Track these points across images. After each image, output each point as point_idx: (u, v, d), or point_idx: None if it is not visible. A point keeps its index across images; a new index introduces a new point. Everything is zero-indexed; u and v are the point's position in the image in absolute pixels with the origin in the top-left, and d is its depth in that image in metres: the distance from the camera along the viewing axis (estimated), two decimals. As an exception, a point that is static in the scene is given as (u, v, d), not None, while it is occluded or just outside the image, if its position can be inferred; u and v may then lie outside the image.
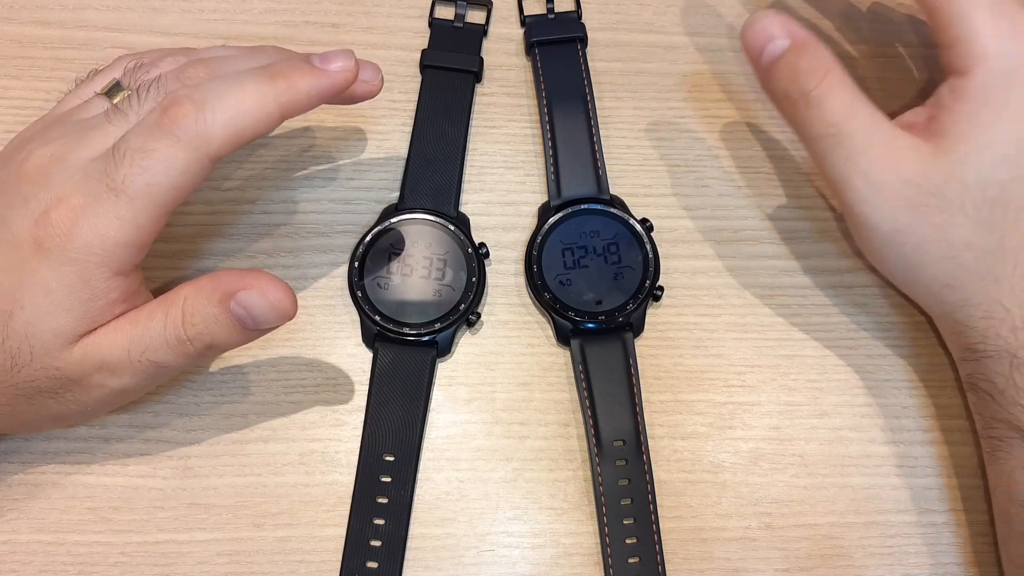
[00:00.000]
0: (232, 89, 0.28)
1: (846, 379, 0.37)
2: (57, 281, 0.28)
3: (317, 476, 0.35)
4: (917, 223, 0.31)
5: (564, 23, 0.42)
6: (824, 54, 0.32)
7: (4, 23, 0.40)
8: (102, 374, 0.29)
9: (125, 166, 0.27)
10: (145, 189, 0.27)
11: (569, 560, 0.34)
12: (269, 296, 0.28)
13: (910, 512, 0.36)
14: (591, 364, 0.36)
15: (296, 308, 0.29)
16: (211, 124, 0.28)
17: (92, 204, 0.27)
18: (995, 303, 0.31)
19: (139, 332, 0.29)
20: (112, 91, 0.31)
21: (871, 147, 0.31)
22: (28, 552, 0.33)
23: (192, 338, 0.29)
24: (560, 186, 0.38)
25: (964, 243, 0.31)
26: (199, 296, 0.29)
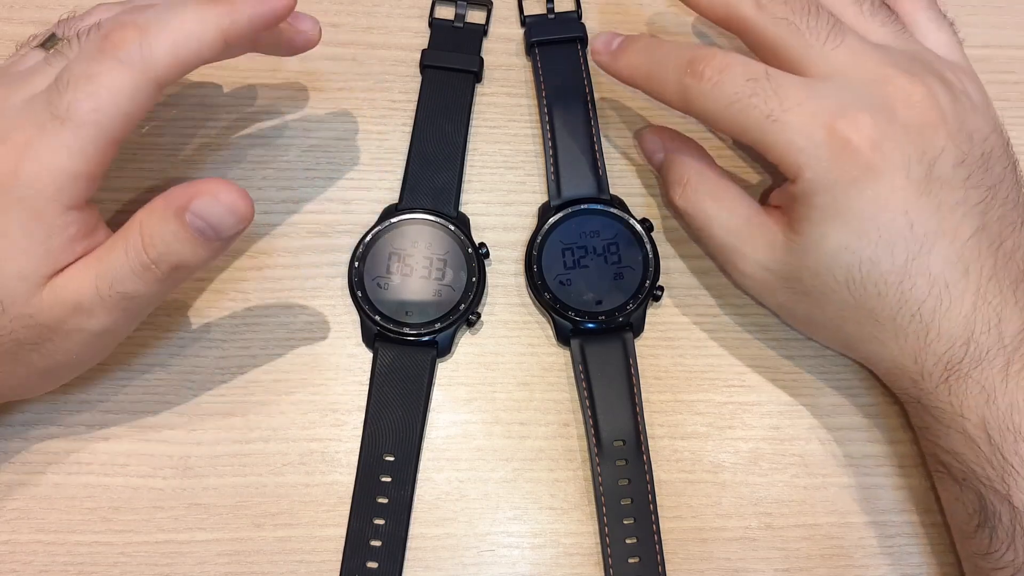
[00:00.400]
0: (174, 14, 0.28)
1: (846, 379, 0.37)
2: (10, 223, 0.27)
3: (317, 476, 0.35)
4: (794, 301, 0.34)
5: (564, 23, 0.42)
6: (685, 161, 0.36)
7: (4, 23, 0.40)
8: (77, 317, 0.28)
9: (69, 92, 0.27)
10: (92, 115, 0.27)
11: (569, 560, 0.34)
12: (222, 199, 0.27)
13: (910, 512, 0.36)
14: (591, 364, 0.36)
15: (252, 209, 0.28)
16: (155, 46, 0.28)
17: (36, 136, 0.27)
18: (890, 363, 0.33)
19: (103, 267, 0.28)
20: (47, 42, 0.31)
21: (733, 244, 0.34)
22: (28, 552, 0.33)
23: (156, 260, 0.28)
24: (560, 186, 0.38)
25: (839, 317, 0.33)
26: (153, 216, 0.28)
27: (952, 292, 0.31)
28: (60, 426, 0.35)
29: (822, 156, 0.30)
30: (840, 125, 0.30)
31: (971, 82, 0.33)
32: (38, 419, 0.35)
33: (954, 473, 0.32)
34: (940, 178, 0.31)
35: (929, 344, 0.31)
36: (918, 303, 0.31)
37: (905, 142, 0.30)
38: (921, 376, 0.32)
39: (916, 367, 0.32)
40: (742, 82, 0.31)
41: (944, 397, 0.31)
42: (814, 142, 0.30)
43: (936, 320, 0.31)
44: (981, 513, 0.31)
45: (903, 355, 0.32)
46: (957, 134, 0.31)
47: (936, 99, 0.31)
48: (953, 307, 0.31)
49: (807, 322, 0.35)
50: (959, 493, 0.32)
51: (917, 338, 0.31)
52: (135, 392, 0.35)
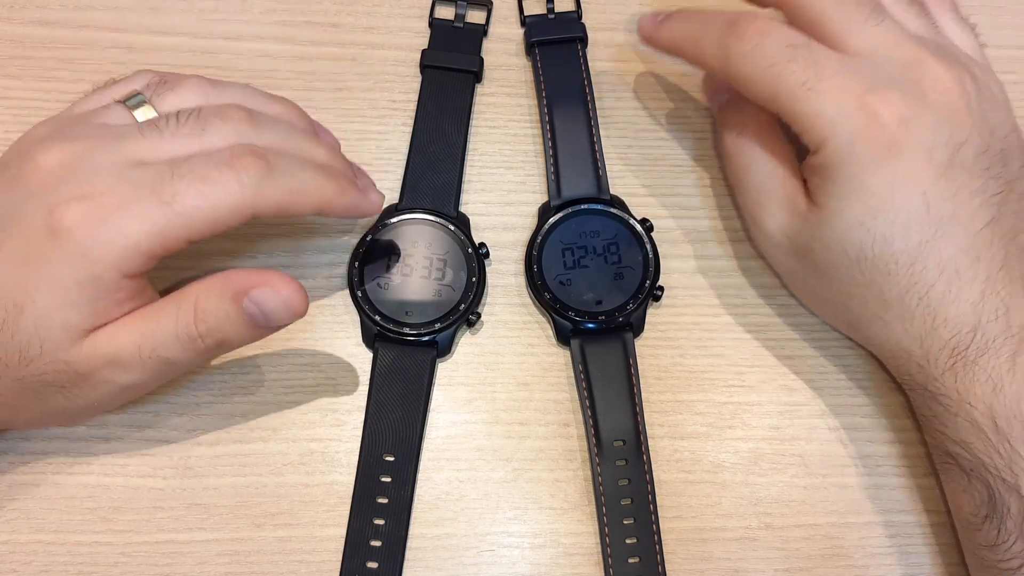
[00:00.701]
0: (299, 169, 0.30)
1: (846, 379, 0.37)
2: (69, 275, 0.28)
3: (317, 476, 0.35)
4: (804, 268, 0.34)
5: (564, 23, 0.42)
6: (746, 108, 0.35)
7: (4, 23, 0.40)
8: (111, 369, 0.29)
9: (183, 184, 0.28)
10: (192, 210, 0.28)
11: (569, 560, 0.34)
12: (282, 293, 0.29)
13: (910, 512, 0.36)
14: (591, 364, 0.36)
15: (307, 305, 0.30)
16: (273, 186, 0.29)
17: (130, 205, 0.28)
18: (894, 345, 0.33)
19: (150, 329, 0.29)
20: (131, 100, 0.31)
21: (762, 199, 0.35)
22: (28, 552, 0.33)
23: (203, 335, 0.29)
24: (560, 186, 0.38)
25: (846, 293, 0.33)
26: (211, 293, 0.29)
27: (962, 278, 0.31)
28: (60, 426, 0.35)
29: (849, 128, 0.31)
30: (870, 99, 0.31)
31: (994, 81, 0.34)
32: (38, 419, 0.35)
33: (961, 463, 0.32)
34: (961, 164, 0.31)
35: (935, 329, 0.31)
36: (927, 286, 0.31)
37: (932, 124, 0.31)
38: (927, 361, 0.32)
39: (921, 351, 0.32)
40: (782, 47, 0.32)
41: (950, 384, 0.31)
42: (843, 114, 0.31)
43: (944, 305, 0.31)
44: (989, 504, 0.31)
45: (908, 338, 0.32)
46: (981, 125, 0.32)
47: (964, 88, 0.32)
48: (962, 293, 0.31)
49: (812, 295, 0.36)
50: (966, 484, 0.32)
51: (923, 322, 0.31)
52: (135, 392, 0.35)
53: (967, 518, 0.32)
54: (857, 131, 0.31)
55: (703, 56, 0.34)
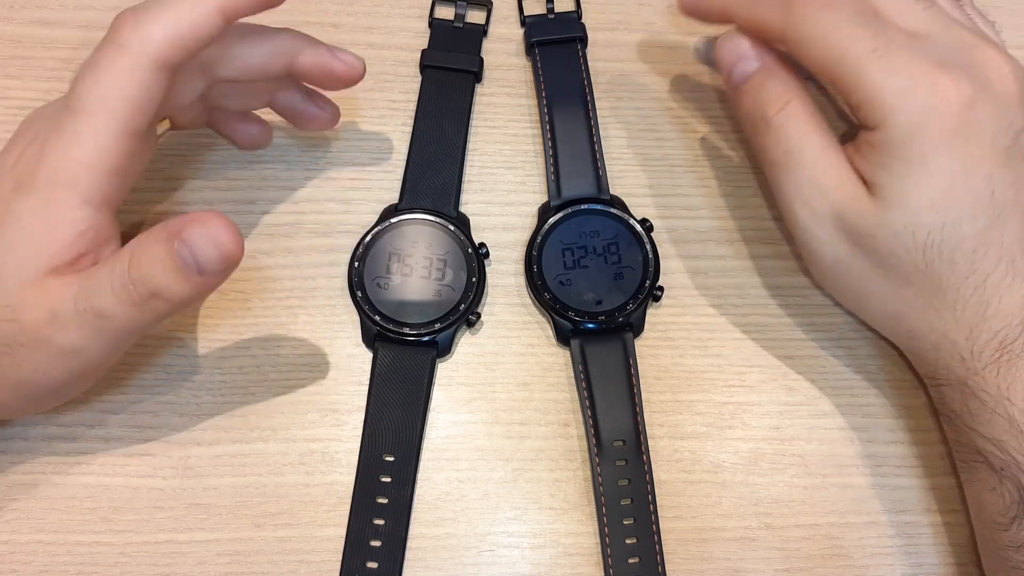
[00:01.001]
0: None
1: (846, 379, 0.37)
2: (25, 210, 0.28)
3: (317, 476, 0.35)
4: (857, 258, 0.32)
5: (564, 23, 0.42)
6: (789, 80, 0.33)
7: (4, 23, 0.40)
8: (50, 326, 0.28)
9: (78, 83, 0.28)
10: (99, 102, 0.28)
11: (569, 560, 0.34)
12: (210, 229, 0.26)
13: (910, 512, 0.36)
14: (591, 364, 0.36)
15: (241, 250, 0.27)
16: (149, 28, 0.28)
17: (55, 128, 0.28)
18: (941, 336, 0.32)
19: (87, 279, 0.28)
20: None
21: (818, 179, 0.32)
22: (28, 552, 0.33)
23: (135, 281, 0.27)
24: (560, 186, 0.38)
25: (904, 281, 0.32)
26: (148, 238, 0.28)
27: (1016, 268, 0.30)
28: (60, 426, 0.35)
29: (919, 103, 0.30)
30: (941, 77, 0.30)
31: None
32: (38, 419, 0.35)
33: (992, 462, 0.31)
34: (1020, 152, 0.31)
35: (986, 320, 0.31)
36: (985, 275, 0.30)
37: (996, 110, 0.30)
38: (971, 354, 0.31)
39: (967, 343, 0.31)
40: (850, 13, 0.31)
41: (992, 379, 0.31)
42: (914, 88, 0.30)
43: (998, 294, 0.30)
44: (1020, 504, 0.30)
45: (957, 329, 0.31)
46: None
47: (1019, 77, 0.32)
48: (1015, 284, 0.30)
49: (857, 285, 0.33)
50: (995, 483, 0.31)
51: (976, 312, 0.31)
52: (135, 392, 0.35)
53: (993, 518, 0.32)
54: (928, 108, 0.30)
55: (759, 15, 0.33)
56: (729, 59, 0.34)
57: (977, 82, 0.30)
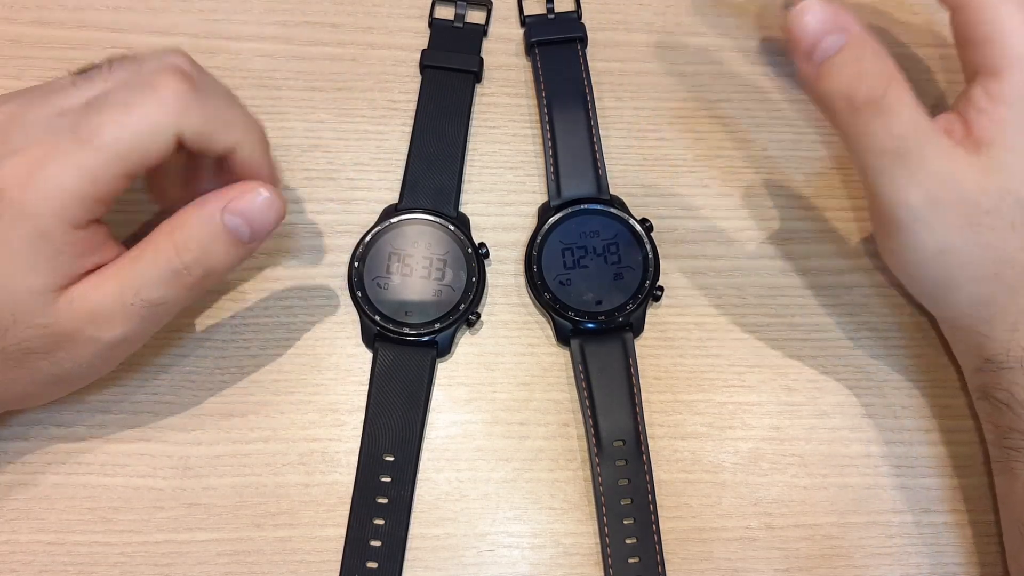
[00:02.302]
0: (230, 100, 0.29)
1: (846, 379, 0.37)
2: (17, 238, 0.27)
3: (317, 476, 0.35)
4: (968, 243, 0.30)
5: (564, 23, 0.42)
6: (884, 55, 0.29)
7: (4, 23, 0.40)
8: (93, 325, 0.28)
9: (100, 116, 0.27)
10: (113, 141, 0.27)
11: (569, 560, 0.34)
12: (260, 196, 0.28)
13: (910, 512, 0.36)
14: (591, 364, 0.36)
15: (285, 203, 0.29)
16: (198, 107, 0.28)
17: (52, 153, 0.27)
18: (1013, 321, 0.31)
19: (128, 275, 0.28)
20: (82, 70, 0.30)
21: (935, 163, 0.29)
22: (28, 552, 0.33)
23: (189, 265, 0.28)
24: (560, 186, 0.38)
25: (1008, 260, 0.30)
26: (188, 222, 0.28)
27: None
28: (60, 426, 0.35)
29: None
30: None
31: None
32: (38, 419, 0.35)
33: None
34: None
35: None
36: None
37: None
38: None
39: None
40: None
41: None
42: None
43: None
44: None
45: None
46: None
47: None
48: None
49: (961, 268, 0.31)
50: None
51: None
52: (135, 392, 0.35)
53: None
54: None
55: None
56: (810, 33, 0.29)
57: None
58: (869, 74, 0.29)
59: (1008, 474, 0.33)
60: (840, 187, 0.40)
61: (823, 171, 0.41)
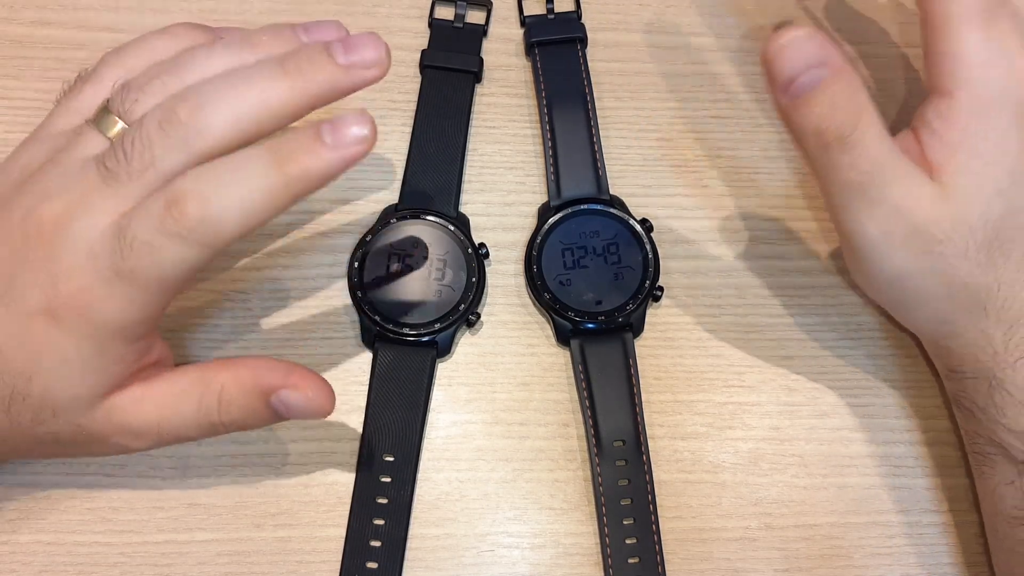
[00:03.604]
0: (238, 182, 0.26)
1: (846, 379, 0.37)
2: (73, 351, 0.27)
3: (317, 476, 0.35)
4: (922, 270, 0.31)
5: (564, 23, 0.42)
6: (858, 86, 0.29)
7: (4, 23, 0.40)
8: (125, 436, 0.29)
9: (134, 258, 0.26)
10: (157, 283, 0.27)
11: (569, 560, 0.34)
12: (309, 395, 0.29)
13: (910, 512, 0.36)
14: (591, 364, 0.36)
15: (333, 405, 0.29)
16: (219, 222, 0.26)
17: (102, 286, 0.27)
18: (980, 333, 0.32)
19: (170, 411, 0.29)
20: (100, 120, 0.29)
21: (894, 198, 0.30)
22: (28, 552, 0.33)
23: (226, 423, 0.29)
24: (560, 186, 0.38)
25: (961, 284, 0.31)
26: (239, 387, 0.29)
27: None
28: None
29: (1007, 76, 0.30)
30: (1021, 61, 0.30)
31: None
32: (38, 419, 0.35)
33: (1014, 455, 0.31)
34: None
35: None
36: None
37: None
38: (1004, 348, 0.31)
39: (1003, 338, 0.31)
40: None
41: (1022, 371, 0.31)
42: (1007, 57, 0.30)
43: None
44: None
45: (999, 325, 0.31)
46: None
47: None
48: None
49: (916, 291, 0.32)
50: (1014, 476, 0.31)
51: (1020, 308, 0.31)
52: (135, 392, 0.35)
53: (1009, 512, 0.32)
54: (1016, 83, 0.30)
55: None
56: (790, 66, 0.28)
57: None
58: (841, 110, 0.29)
59: (980, 478, 0.34)
60: (840, 187, 0.40)
61: (823, 171, 0.41)
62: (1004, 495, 0.32)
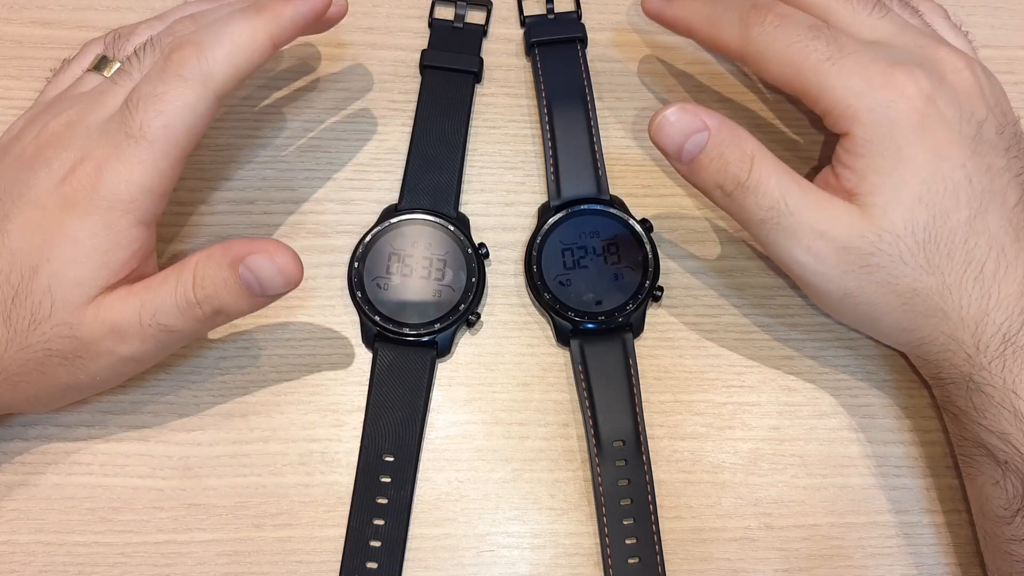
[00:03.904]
0: (225, 28, 0.31)
1: (846, 379, 0.37)
2: (84, 231, 0.29)
3: (317, 476, 0.35)
4: (864, 285, 0.32)
5: (564, 23, 0.42)
6: (744, 136, 0.32)
7: (4, 23, 0.40)
8: (112, 338, 0.30)
9: (140, 112, 0.29)
10: (162, 131, 0.29)
11: (569, 560, 0.34)
12: (276, 260, 0.29)
13: (910, 512, 0.36)
14: (591, 364, 0.36)
15: (302, 274, 0.30)
16: (212, 61, 0.30)
17: (114, 153, 0.29)
18: (948, 338, 0.32)
19: (149, 295, 0.30)
20: (100, 65, 0.33)
21: (808, 222, 0.31)
22: (28, 552, 0.33)
23: (201, 301, 0.30)
24: (560, 186, 0.38)
25: (911, 291, 0.32)
26: (210, 261, 0.30)
27: (1007, 256, 0.31)
28: (60, 426, 0.35)
29: (881, 100, 0.31)
30: (898, 73, 0.31)
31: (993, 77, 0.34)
32: (38, 419, 0.35)
33: (996, 455, 0.31)
34: (986, 142, 0.32)
35: (988, 313, 0.31)
36: (980, 263, 0.31)
37: (954, 102, 0.31)
38: (976, 350, 0.31)
39: (973, 340, 0.31)
40: (805, 27, 0.32)
41: (997, 372, 0.31)
42: (873, 85, 0.31)
43: (996, 284, 0.31)
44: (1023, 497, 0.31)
45: (963, 327, 0.32)
46: (995, 107, 0.33)
47: (976, 72, 0.33)
48: (1010, 272, 0.31)
49: (869, 307, 0.33)
50: (999, 477, 0.31)
51: (979, 305, 0.31)
52: (135, 392, 0.35)
53: (996, 512, 0.32)
54: (889, 103, 0.31)
55: (719, 35, 0.34)
56: (673, 141, 0.32)
57: (933, 76, 0.32)
58: (731, 162, 0.31)
59: (969, 480, 0.34)
60: (840, 187, 0.40)
61: (823, 171, 0.41)
62: (991, 496, 0.32)
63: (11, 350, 0.29)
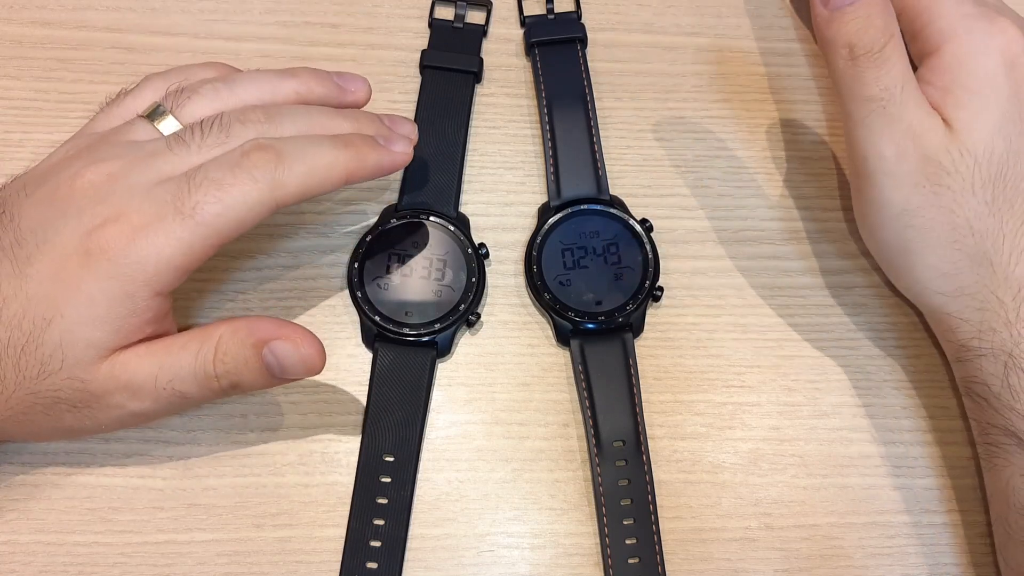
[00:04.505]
0: (309, 148, 0.30)
1: (846, 379, 0.37)
2: (101, 293, 0.28)
3: (317, 476, 0.35)
4: (929, 204, 0.32)
5: (564, 23, 0.42)
6: (892, 13, 0.32)
7: (4, 23, 0.40)
8: (124, 395, 0.29)
9: (200, 194, 0.29)
10: (214, 218, 0.29)
11: (569, 560, 0.34)
12: (301, 350, 0.30)
13: (910, 512, 0.36)
14: (591, 364, 0.36)
15: (323, 364, 0.30)
16: (288, 174, 0.29)
17: (155, 223, 0.28)
18: (990, 293, 0.32)
19: (169, 361, 0.30)
20: (155, 114, 0.32)
21: (910, 119, 0.31)
22: (28, 552, 0.33)
23: (220, 375, 0.30)
24: (560, 186, 0.38)
25: (967, 226, 0.32)
26: (234, 337, 0.30)
27: None
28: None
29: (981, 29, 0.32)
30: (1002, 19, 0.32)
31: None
32: (38, 419, 0.35)
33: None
34: None
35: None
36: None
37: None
38: (1017, 316, 0.31)
39: (1014, 304, 0.31)
40: None
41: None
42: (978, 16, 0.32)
43: None
44: None
45: (1006, 286, 0.31)
46: None
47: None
48: None
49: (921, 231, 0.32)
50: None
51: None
52: (135, 392, 0.35)
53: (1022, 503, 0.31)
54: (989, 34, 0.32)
55: None
56: None
57: None
58: (874, 27, 0.31)
59: (992, 471, 0.33)
60: (839, 188, 0.40)
61: (823, 172, 0.41)
62: (1019, 487, 0.31)
63: (19, 393, 0.29)
